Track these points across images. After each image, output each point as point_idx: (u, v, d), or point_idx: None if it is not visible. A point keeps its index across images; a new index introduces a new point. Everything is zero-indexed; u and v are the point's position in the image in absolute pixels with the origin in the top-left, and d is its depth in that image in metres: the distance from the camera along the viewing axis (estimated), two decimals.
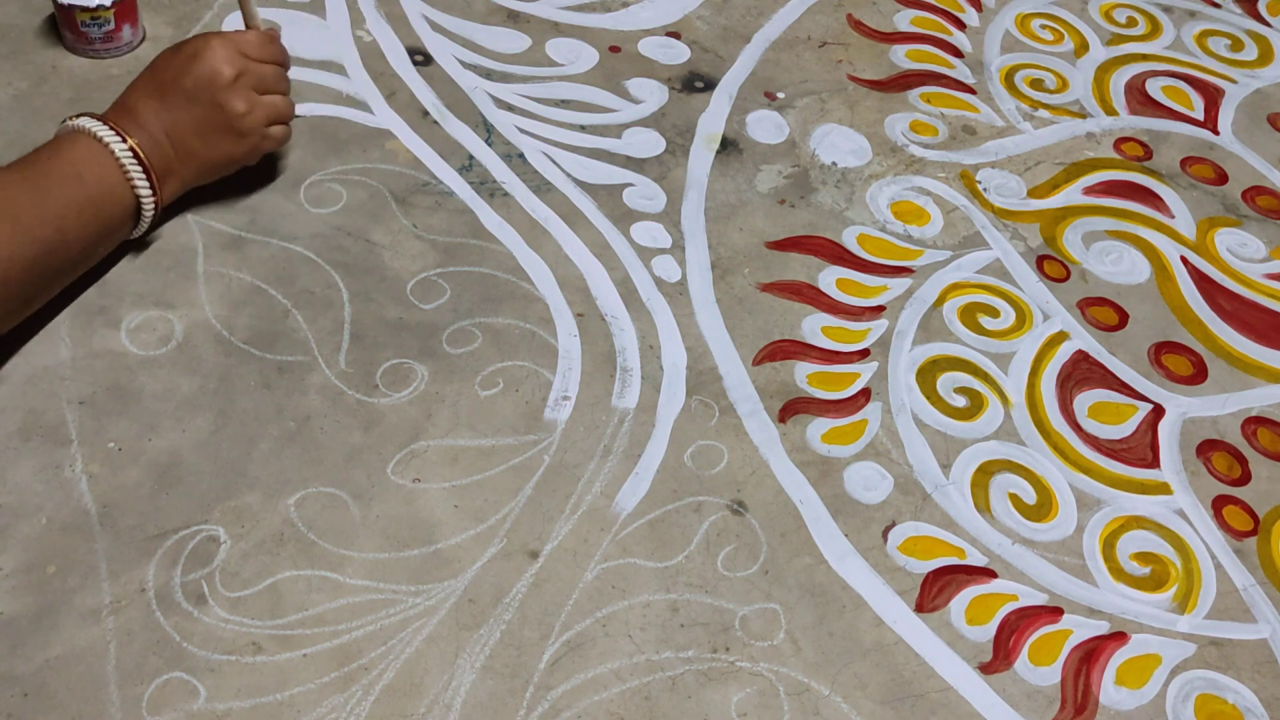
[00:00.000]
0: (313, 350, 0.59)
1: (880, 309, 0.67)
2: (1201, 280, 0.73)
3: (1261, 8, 0.97)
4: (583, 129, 0.75)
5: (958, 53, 0.87)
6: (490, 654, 0.50)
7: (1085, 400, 0.65)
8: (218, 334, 0.59)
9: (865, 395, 0.63)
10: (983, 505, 0.59)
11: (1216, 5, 0.96)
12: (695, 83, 0.80)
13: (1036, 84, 0.85)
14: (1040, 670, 0.53)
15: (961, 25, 0.90)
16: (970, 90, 0.84)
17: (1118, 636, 0.55)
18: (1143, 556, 0.58)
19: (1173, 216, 0.77)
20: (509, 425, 0.58)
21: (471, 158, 0.71)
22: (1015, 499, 0.60)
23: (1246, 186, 0.80)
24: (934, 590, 0.55)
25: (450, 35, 0.79)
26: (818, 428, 0.61)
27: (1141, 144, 0.82)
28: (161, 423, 0.55)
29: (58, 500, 0.52)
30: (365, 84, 0.74)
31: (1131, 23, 0.93)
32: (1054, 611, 0.55)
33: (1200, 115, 0.85)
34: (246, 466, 0.54)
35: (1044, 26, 0.91)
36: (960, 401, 0.64)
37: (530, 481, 0.56)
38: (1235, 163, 0.82)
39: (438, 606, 0.51)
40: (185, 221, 0.64)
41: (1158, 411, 0.65)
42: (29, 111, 0.68)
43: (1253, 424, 0.65)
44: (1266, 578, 0.58)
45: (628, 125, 0.76)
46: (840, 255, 0.70)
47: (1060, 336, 0.68)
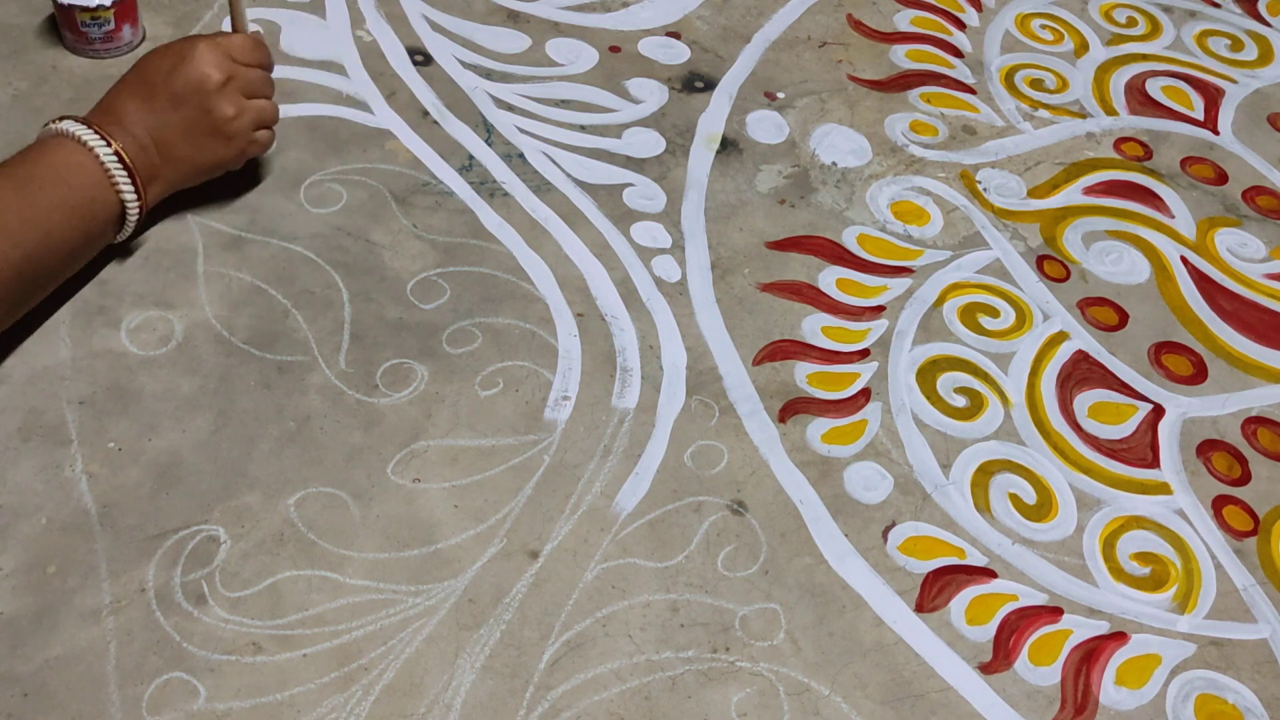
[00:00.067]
0: (313, 350, 0.59)
1: (880, 309, 0.67)
2: (1201, 280, 0.73)
3: (1261, 8, 0.97)
4: (583, 129, 0.75)
5: (958, 53, 0.87)
6: (490, 654, 0.50)
7: (1085, 400, 0.65)
8: (218, 334, 0.59)
9: (865, 395, 0.63)
10: (983, 505, 0.59)
11: (1216, 5, 0.96)
12: (695, 83, 0.80)
13: (1036, 84, 0.85)
14: (1040, 670, 0.53)
15: (961, 25, 0.90)
16: (970, 90, 0.84)
17: (1118, 636, 0.55)
18: (1143, 556, 0.58)
19: (1173, 216, 0.77)
20: (509, 425, 0.58)
21: (471, 158, 0.71)
22: (1015, 499, 0.60)
23: (1246, 186, 0.80)
24: (934, 590, 0.55)
25: (450, 35, 0.79)
26: (818, 428, 0.61)
27: (1141, 144, 0.82)
28: (161, 423, 0.55)
29: (58, 500, 0.52)
30: (365, 84, 0.74)
31: (1131, 23, 0.93)
32: (1054, 611, 0.55)
33: (1200, 115, 0.85)
34: (246, 466, 0.54)
35: (1044, 26, 0.91)
36: (960, 401, 0.64)
37: (530, 481, 0.56)
38: (1235, 163, 0.82)
39: (438, 606, 0.51)
40: (185, 221, 0.64)
41: (1158, 411, 0.65)
42: (29, 111, 0.68)
43: (1253, 424, 0.65)
44: (1266, 578, 0.58)
45: (628, 125, 0.75)
46: (840, 255, 0.70)
47: (1060, 336, 0.68)
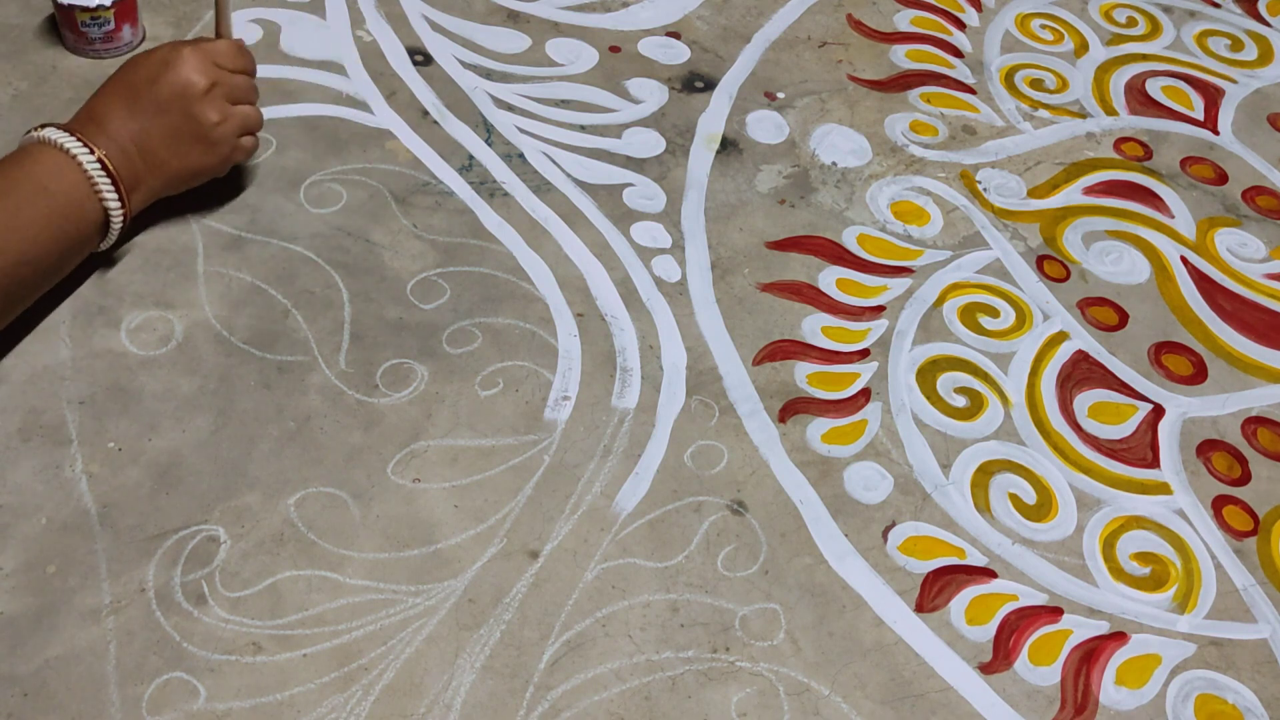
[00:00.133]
0: (313, 350, 0.59)
1: (880, 309, 0.67)
2: (1201, 280, 0.73)
3: (1261, 8, 0.97)
4: (583, 129, 0.75)
5: (958, 53, 0.87)
6: (490, 654, 0.50)
7: (1085, 400, 0.65)
8: (218, 334, 0.59)
9: (865, 395, 0.63)
10: (983, 505, 0.59)
11: (1216, 5, 0.96)
12: (695, 83, 0.80)
13: (1036, 84, 0.85)
14: (1040, 670, 0.53)
15: (961, 25, 0.90)
16: (970, 90, 0.84)
17: (1118, 636, 0.55)
18: (1143, 556, 0.58)
19: (1173, 216, 0.77)
20: (509, 425, 0.58)
21: (471, 158, 0.71)
22: (1015, 499, 0.60)
23: (1246, 186, 0.80)
24: (934, 590, 0.55)
25: (450, 35, 0.79)
26: (818, 428, 0.61)
27: (1141, 144, 0.82)
28: (161, 423, 0.55)
29: (58, 500, 0.52)
30: (365, 84, 0.74)
31: (1131, 23, 0.93)
32: (1054, 611, 0.55)
33: (1200, 115, 0.85)
34: (246, 466, 0.54)
35: (1044, 26, 0.91)
36: (960, 401, 0.64)
37: (530, 481, 0.56)
38: (1235, 163, 0.82)
39: (438, 606, 0.51)
40: (185, 221, 0.64)
41: (1158, 411, 0.65)
42: (29, 111, 0.68)
43: (1253, 424, 0.65)
44: (1266, 578, 0.58)
45: (628, 125, 0.75)
46: (840, 255, 0.70)
47: (1060, 336, 0.68)
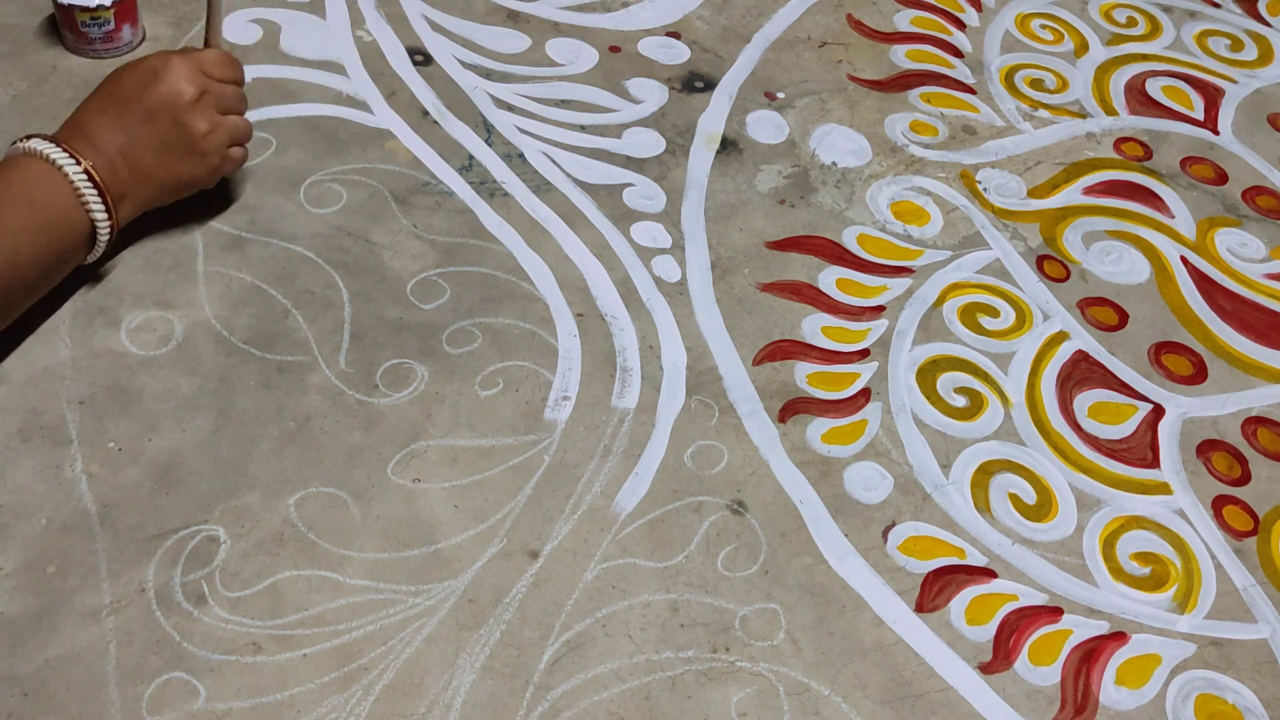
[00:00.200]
0: (313, 350, 0.59)
1: (880, 309, 0.67)
2: (1201, 280, 0.73)
3: (1261, 8, 0.97)
4: (583, 129, 0.75)
5: (958, 53, 0.87)
6: (490, 654, 0.50)
7: (1085, 400, 0.65)
8: (218, 334, 0.59)
9: (865, 395, 0.63)
10: (983, 505, 0.59)
11: (1216, 5, 0.96)
12: (695, 83, 0.80)
13: (1036, 84, 0.85)
14: (1040, 670, 0.53)
15: (961, 25, 0.90)
16: (970, 90, 0.84)
17: (1118, 636, 0.55)
18: (1143, 556, 0.58)
19: (1173, 216, 0.77)
20: (509, 425, 0.58)
21: (471, 158, 0.71)
22: (1015, 499, 0.60)
23: (1246, 186, 0.80)
24: (934, 590, 0.55)
25: (450, 35, 0.79)
26: (818, 428, 0.61)
27: (1141, 144, 0.82)
28: (161, 423, 0.55)
29: (58, 500, 0.52)
30: (365, 84, 0.74)
31: (1131, 23, 0.93)
32: (1054, 611, 0.55)
33: (1200, 115, 0.85)
34: (246, 466, 0.54)
35: (1044, 26, 0.91)
36: (960, 401, 0.64)
37: (530, 481, 0.56)
38: (1235, 163, 0.82)
39: (438, 606, 0.51)
40: (185, 221, 0.64)
41: (1158, 411, 0.65)
42: (29, 111, 0.68)
43: (1253, 424, 0.65)
44: (1266, 578, 0.58)
45: (628, 125, 0.75)
46: (840, 255, 0.70)
47: (1060, 336, 0.68)
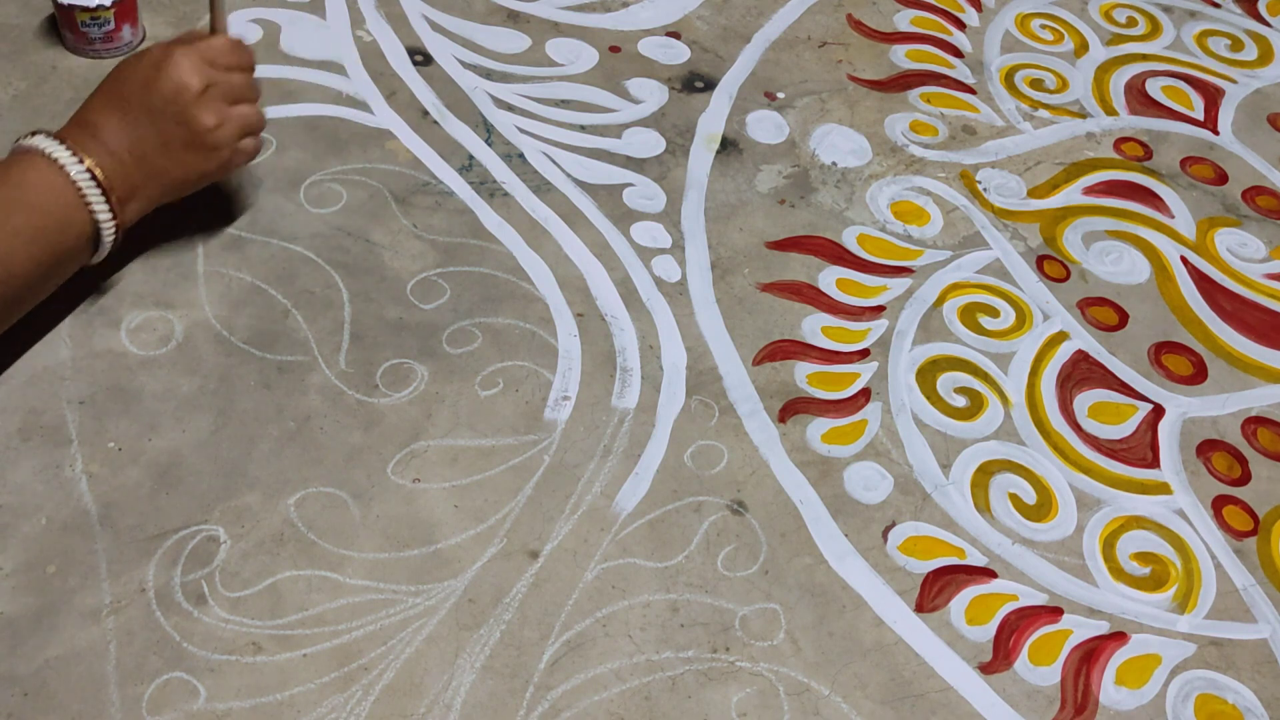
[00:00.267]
0: (313, 350, 0.59)
1: (880, 309, 0.67)
2: (1201, 280, 0.73)
3: (1261, 8, 0.97)
4: (583, 129, 0.75)
5: (958, 53, 0.87)
6: (490, 654, 0.50)
7: (1085, 400, 0.65)
8: (218, 334, 0.59)
9: (865, 395, 0.63)
10: (983, 505, 0.59)
11: (1216, 5, 0.96)
12: (695, 83, 0.80)
13: (1036, 84, 0.85)
14: (1040, 670, 0.53)
15: (961, 25, 0.90)
16: (970, 90, 0.84)
17: (1118, 636, 0.55)
18: (1143, 556, 0.58)
19: (1173, 216, 0.77)
20: (509, 425, 0.58)
21: (471, 158, 0.71)
22: (1015, 499, 0.60)
23: (1246, 186, 0.80)
24: (934, 590, 0.55)
25: (450, 35, 0.79)
26: (818, 428, 0.61)
27: (1141, 144, 0.82)
28: (161, 423, 0.55)
29: (58, 500, 0.52)
30: (365, 84, 0.74)
31: (1131, 23, 0.93)
32: (1054, 611, 0.55)
33: (1200, 115, 0.85)
34: (246, 466, 0.54)
35: (1044, 26, 0.91)
36: (960, 401, 0.64)
37: (530, 481, 0.56)
38: (1235, 163, 0.82)
39: (438, 606, 0.51)
40: (185, 221, 0.64)
41: (1158, 411, 0.65)
42: (29, 111, 0.68)
43: (1253, 424, 0.65)
44: (1266, 578, 0.58)
45: (628, 125, 0.75)
46: (840, 255, 0.70)
47: (1060, 336, 0.68)
